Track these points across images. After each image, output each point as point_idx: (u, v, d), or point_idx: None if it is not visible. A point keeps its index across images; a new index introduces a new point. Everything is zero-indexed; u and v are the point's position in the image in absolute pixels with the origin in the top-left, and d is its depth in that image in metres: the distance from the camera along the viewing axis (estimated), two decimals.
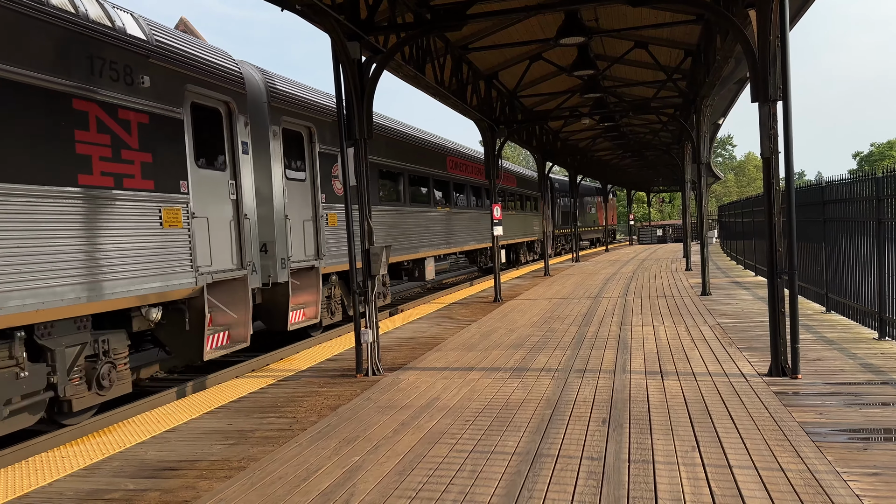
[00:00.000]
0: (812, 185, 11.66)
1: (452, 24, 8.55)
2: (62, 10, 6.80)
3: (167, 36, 8.47)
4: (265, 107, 10.45)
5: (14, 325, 6.19)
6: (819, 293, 10.98)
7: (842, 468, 4.31)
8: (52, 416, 7.21)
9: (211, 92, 9.01)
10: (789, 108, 6.55)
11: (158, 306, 8.17)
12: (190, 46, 8.83)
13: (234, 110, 9.48)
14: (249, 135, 9.82)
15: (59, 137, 6.68)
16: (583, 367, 7.61)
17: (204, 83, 8.87)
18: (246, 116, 9.77)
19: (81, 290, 6.85)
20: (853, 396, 5.89)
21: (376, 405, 6.54)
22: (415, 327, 11.65)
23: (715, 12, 7.57)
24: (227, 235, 9.31)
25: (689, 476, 4.29)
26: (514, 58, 14.06)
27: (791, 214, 6.77)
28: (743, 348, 8.22)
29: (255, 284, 9.89)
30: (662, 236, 47.28)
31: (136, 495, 4.56)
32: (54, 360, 6.82)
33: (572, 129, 23.35)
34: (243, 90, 9.74)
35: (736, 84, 17.72)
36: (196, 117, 8.82)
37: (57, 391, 6.89)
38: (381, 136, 14.65)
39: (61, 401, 7.11)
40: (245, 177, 9.66)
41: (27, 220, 6.32)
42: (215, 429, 6.07)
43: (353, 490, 4.40)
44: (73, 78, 6.86)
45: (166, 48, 8.28)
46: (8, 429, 6.49)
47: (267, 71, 11.04)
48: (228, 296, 9.29)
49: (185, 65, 8.54)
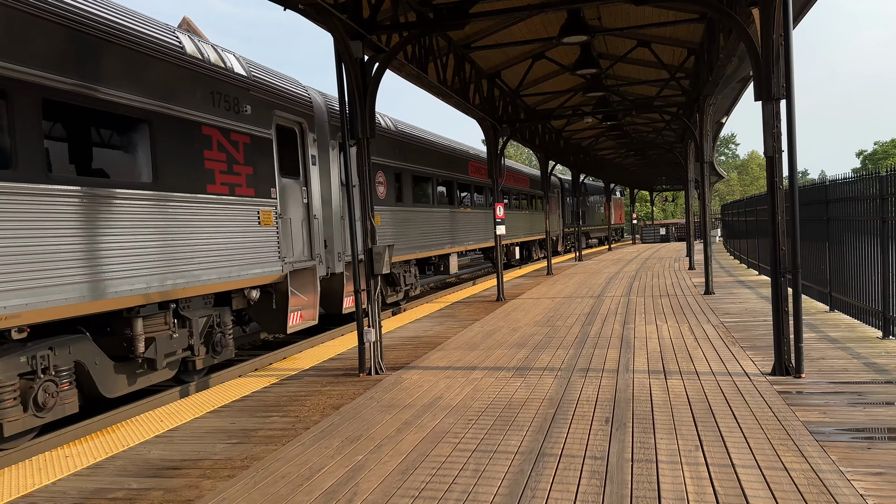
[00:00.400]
0: (815, 184, 11.64)
1: (455, 23, 8.54)
2: (194, 58, 8.64)
3: (259, 71, 10.32)
4: (326, 125, 12.14)
5: (169, 300, 8.14)
6: (822, 292, 10.96)
7: (846, 468, 4.30)
8: (178, 375, 8.94)
9: (290, 115, 10.82)
10: (793, 107, 6.53)
11: (257, 288, 10.04)
12: (275, 79, 10.68)
13: (305, 129, 11.30)
14: (316, 149, 11.70)
15: (195, 156, 8.49)
16: (586, 367, 7.61)
17: (285, 108, 10.66)
18: (314, 134, 11.58)
19: (212, 274, 8.69)
20: (857, 396, 5.88)
21: (379, 404, 6.54)
22: (417, 326, 11.66)
23: (718, 11, 7.55)
24: (301, 232, 11.14)
25: (693, 475, 4.29)
26: (517, 57, 14.06)
27: (794, 213, 6.76)
28: (746, 347, 8.20)
29: (321, 273, 11.61)
30: (665, 235, 47.22)
31: (140, 494, 4.57)
32: (192, 328, 8.71)
33: (575, 128, 23.34)
34: (311, 112, 11.51)
35: (739, 83, 17.70)
36: (280, 136, 10.58)
37: (193, 351, 8.75)
38: (413, 145, 16.29)
39: (186, 361, 8.82)
40: (313, 184, 11.48)
41: (184, 222, 8.25)
42: (218, 428, 6.08)
43: (356, 489, 4.40)
44: (202, 110, 8.69)
45: (260, 82, 10.09)
46: (157, 379, 8.40)
47: (327, 94, 12.73)
48: (302, 282, 11.06)
49: (272, 94, 10.35)
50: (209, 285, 8.65)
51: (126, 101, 7.43)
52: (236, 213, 9.24)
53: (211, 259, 8.66)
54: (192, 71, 8.53)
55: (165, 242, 7.89)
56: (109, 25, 7.35)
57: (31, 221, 6.31)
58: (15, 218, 6.15)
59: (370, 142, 8.23)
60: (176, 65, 8.23)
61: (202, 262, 8.49)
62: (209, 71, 8.87)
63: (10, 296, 6.03)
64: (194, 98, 8.52)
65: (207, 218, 8.67)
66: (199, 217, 8.53)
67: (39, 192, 6.39)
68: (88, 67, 7.00)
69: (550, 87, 17.07)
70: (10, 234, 6.09)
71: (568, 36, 10.47)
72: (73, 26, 6.87)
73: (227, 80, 9.25)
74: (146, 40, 7.82)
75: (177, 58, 8.25)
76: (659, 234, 47.44)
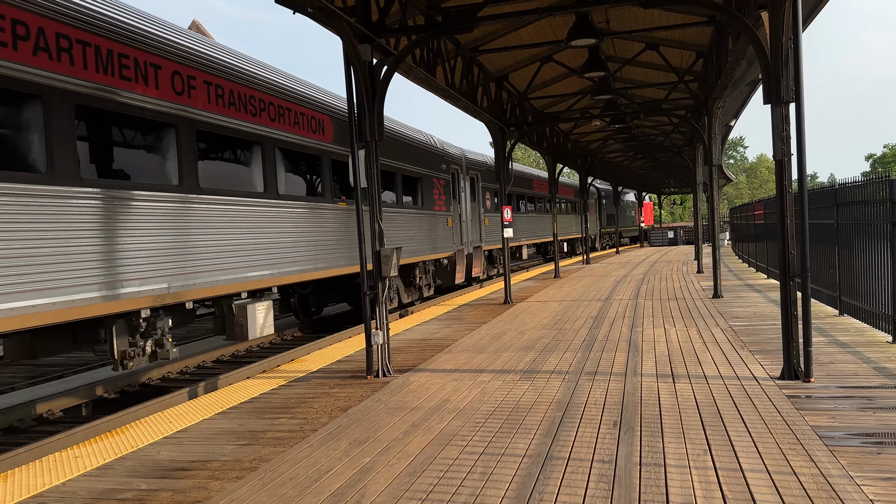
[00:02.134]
0: (825, 187, 11.59)
1: (463, 26, 8.55)
2: (431, 145, 17.95)
3: (444, 144, 19.24)
4: (464, 167, 20.77)
5: (428, 259, 17.19)
6: (832, 296, 10.91)
7: (855, 472, 4.28)
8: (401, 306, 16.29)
9: (453, 165, 19.70)
10: (802, 110, 6.51)
11: (444, 259, 18.64)
12: (447, 146, 19.50)
13: (457, 173, 20.08)
14: (462, 182, 20.48)
15: (431, 192, 17.49)
16: (593, 370, 7.60)
17: (452, 162, 19.52)
18: (463, 174, 20.56)
19: (432, 251, 17.27)
20: (867, 400, 5.85)
21: (387, 407, 6.55)
22: (425, 329, 11.67)
23: (727, 14, 7.54)
24: (458, 229, 19.74)
25: (701, 479, 4.28)
26: (525, 60, 14.06)
27: (804, 217, 6.73)
28: (755, 351, 8.17)
29: (467, 252, 20.46)
30: (673, 238, 47.05)
31: (149, 495, 4.59)
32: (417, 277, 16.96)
33: (583, 131, 23.32)
34: (460, 163, 20.32)
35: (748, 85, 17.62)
36: (451, 177, 19.38)
37: (422, 292, 17.30)
38: (487, 169, 23.52)
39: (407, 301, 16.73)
40: (462, 202, 20.36)
41: (431, 224, 17.23)
42: (227, 429, 6.10)
43: (363, 491, 4.41)
44: (431, 169, 17.64)
45: (445, 152, 19.04)
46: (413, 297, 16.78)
47: (464, 149, 21.45)
48: (459, 257, 19.49)
49: (449, 156, 19.28)
50: (433, 255, 17.30)
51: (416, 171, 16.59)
52: (440, 219, 18.01)
53: (434, 242, 17.30)
54: (432, 152, 17.86)
55: (423, 235, 16.59)
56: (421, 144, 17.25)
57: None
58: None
59: (377, 145, 8.26)
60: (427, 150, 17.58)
61: (431, 245, 17.10)
62: (432, 148, 17.94)
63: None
64: (430, 163, 17.59)
65: (433, 223, 17.33)
66: (433, 223, 17.34)
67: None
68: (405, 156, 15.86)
69: (558, 90, 17.07)
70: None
71: (576, 39, 10.46)
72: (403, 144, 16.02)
73: (436, 152, 18.21)
74: (423, 145, 17.34)
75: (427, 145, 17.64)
76: (667, 237, 47.25)
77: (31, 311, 6.49)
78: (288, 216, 10.93)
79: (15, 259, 6.37)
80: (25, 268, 6.46)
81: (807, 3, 10.15)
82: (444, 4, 9.57)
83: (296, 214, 11.17)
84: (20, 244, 6.44)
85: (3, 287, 6.24)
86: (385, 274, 8.11)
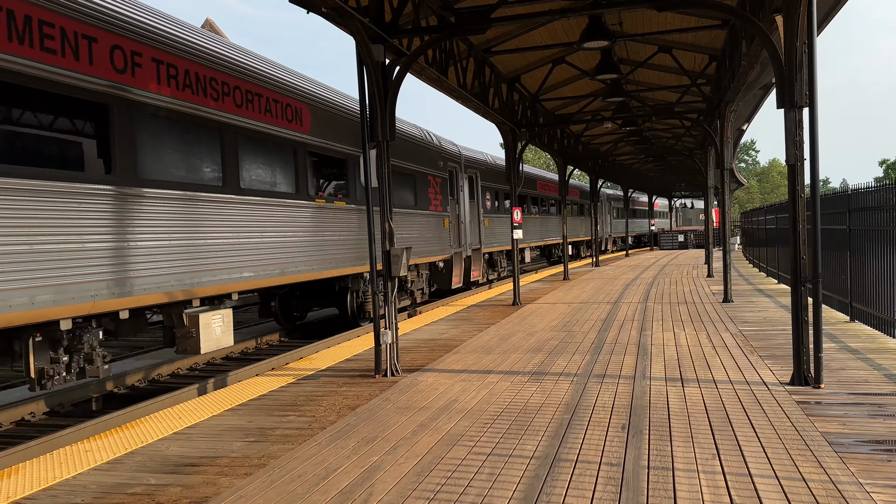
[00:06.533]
0: (837, 193, 11.52)
1: (476, 27, 8.56)
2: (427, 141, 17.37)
3: (441, 140, 18.72)
4: (462, 166, 20.05)
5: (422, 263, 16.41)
6: (843, 302, 10.84)
7: (865, 480, 4.26)
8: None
9: (452, 164, 19.18)
10: (815, 115, 6.47)
11: (441, 262, 17.74)
12: (445, 143, 19.03)
13: (455, 171, 19.44)
14: (460, 181, 19.76)
15: (425, 190, 16.70)
16: (602, 373, 7.58)
17: (450, 161, 18.97)
18: (461, 173, 19.85)
19: (429, 253, 16.59)
20: (877, 407, 5.81)
21: (395, 406, 6.56)
22: (433, 329, 11.68)
23: (741, 18, 7.52)
24: (456, 231, 19.01)
25: (709, 484, 4.27)
26: (537, 61, 14.05)
27: (816, 222, 6.69)
28: (765, 356, 8.14)
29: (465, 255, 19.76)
30: (684, 242, 46.83)
31: (158, 490, 4.62)
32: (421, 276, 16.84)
33: (594, 133, 23.25)
34: (458, 161, 19.68)
35: (761, 89, 17.53)
36: (448, 176, 18.70)
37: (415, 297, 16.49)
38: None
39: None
40: (460, 202, 19.59)
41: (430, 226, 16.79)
42: (236, 426, 6.14)
43: (371, 490, 4.42)
44: (427, 166, 16.97)
45: (444, 149, 18.58)
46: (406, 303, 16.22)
47: (462, 146, 20.82)
48: (456, 260, 18.90)
49: (447, 153, 18.77)
50: (433, 257, 16.83)
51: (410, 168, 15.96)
52: (436, 220, 17.22)
53: (429, 244, 16.59)
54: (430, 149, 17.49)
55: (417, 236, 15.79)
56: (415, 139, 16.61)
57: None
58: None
59: (389, 144, 8.28)
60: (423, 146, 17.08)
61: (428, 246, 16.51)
62: (430, 145, 17.50)
63: None
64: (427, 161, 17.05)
65: (429, 224, 16.68)
66: (428, 224, 16.67)
67: None
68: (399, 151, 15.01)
69: (570, 92, 17.03)
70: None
71: (589, 41, 10.44)
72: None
73: (434, 150, 17.72)
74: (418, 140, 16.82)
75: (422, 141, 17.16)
76: (677, 240, 47.05)
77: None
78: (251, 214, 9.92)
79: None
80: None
81: (822, 7, 10.10)
82: (458, 5, 9.58)
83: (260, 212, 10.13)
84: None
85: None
86: (395, 273, 8.13)
